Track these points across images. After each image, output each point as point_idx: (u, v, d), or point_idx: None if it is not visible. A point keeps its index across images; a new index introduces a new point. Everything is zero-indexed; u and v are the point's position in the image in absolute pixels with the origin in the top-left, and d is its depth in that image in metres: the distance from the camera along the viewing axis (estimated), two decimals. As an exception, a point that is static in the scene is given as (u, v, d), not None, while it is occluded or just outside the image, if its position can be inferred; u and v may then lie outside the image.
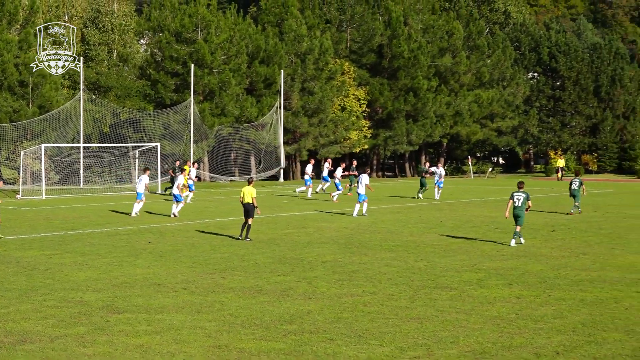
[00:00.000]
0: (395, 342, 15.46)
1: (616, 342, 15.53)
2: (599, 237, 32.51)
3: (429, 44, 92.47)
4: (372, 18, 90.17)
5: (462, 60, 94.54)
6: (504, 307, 18.63)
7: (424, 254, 27.39)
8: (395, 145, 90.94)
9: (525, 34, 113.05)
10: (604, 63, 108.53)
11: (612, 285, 21.64)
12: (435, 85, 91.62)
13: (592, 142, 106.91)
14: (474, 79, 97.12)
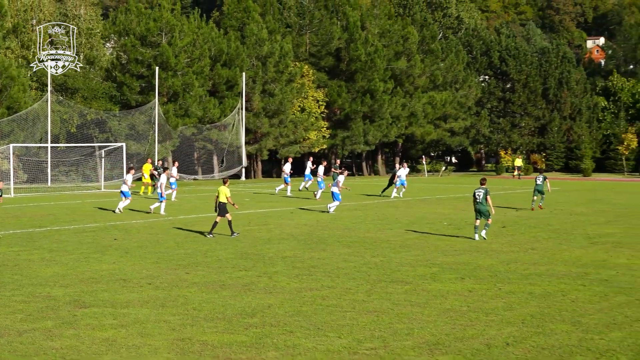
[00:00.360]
0: (352, 334, 15.47)
1: (563, 333, 15.63)
2: (547, 233, 32.72)
3: (385, 47, 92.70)
4: (330, 23, 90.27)
5: (417, 64, 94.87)
6: (456, 300, 18.69)
7: (380, 250, 27.43)
8: (353, 145, 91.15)
9: (477, 39, 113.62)
10: (551, 66, 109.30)
11: (559, 278, 21.77)
12: (391, 88, 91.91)
13: (540, 142, 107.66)
14: (428, 81, 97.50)
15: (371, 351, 14.27)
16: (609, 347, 14.58)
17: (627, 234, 32.51)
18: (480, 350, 14.32)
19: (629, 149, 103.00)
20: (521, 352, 14.21)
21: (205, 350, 14.30)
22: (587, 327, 16.06)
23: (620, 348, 14.51)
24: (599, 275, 22.36)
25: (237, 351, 14.27)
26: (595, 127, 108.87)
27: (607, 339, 15.12)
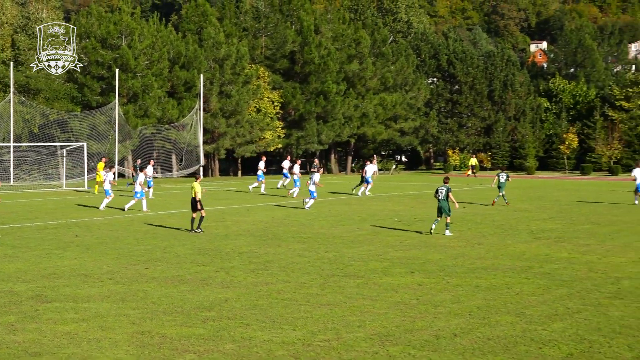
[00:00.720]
0: (306, 326, 15.47)
1: (508, 324, 15.74)
2: (492, 229, 32.93)
3: (338, 51, 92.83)
4: (285, 27, 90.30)
5: (369, 66, 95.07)
6: (406, 294, 18.76)
7: (334, 245, 27.46)
8: (307, 144, 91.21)
9: (425, 43, 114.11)
10: (497, 69, 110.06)
11: (504, 272, 21.93)
12: (344, 89, 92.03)
13: (486, 142, 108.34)
14: (379, 83, 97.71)
15: (325, 343, 14.28)
16: (551, 337, 14.70)
17: (568, 229, 32.82)
18: (429, 341, 14.38)
19: (570, 148, 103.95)
20: (468, 343, 14.29)
21: (164, 343, 14.24)
22: (531, 319, 16.18)
23: (562, 338, 14.63)
24: (542, 268, 22.54)
25: (195, 343, 14.22)
26: (538, 128, 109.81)
27: (550, 330, 15.24)
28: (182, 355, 13.49)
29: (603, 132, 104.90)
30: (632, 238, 29.81)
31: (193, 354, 13.62)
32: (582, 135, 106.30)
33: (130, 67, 73.64)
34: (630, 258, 24.61)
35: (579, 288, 19.55)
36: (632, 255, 25.15)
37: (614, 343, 14.32)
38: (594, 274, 21.61)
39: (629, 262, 23.77)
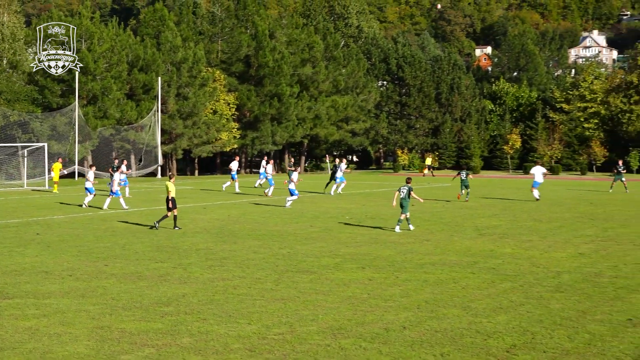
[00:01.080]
0: (261, 320, 15.44)
1: (454, 317, 15.81)
2: (440, 226, 33.08)
3: (292, 55, 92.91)
4: (240, 31, 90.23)
5: (321, 70, 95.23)
6: (357, 288, 18.78)
7: (288, 242, 27.44)
8: (262, 144, 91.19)
9: (375, 47, 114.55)
10: (444, 73, 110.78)
11: (451, 267, 22.04)
12: (297, 92, 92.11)
13: (434, 142, 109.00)
14: (332, 86, 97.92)
15: (279, 336, 14.26)
16: (496, 329, 14.80)
17: (512, 226, 33.07)
18: (379, 334, 14.41)
19: (513, 148, 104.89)
20: (417, 335, 14.34)
21: (124, 338, 14.14)
22: (476, 312, 16.28)
23: (506, 330, 14.74)
24: (487, 263, 22.69)
25: (154, 338, 14.14)
26: (483, 129, 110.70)
27: (494, 322, 15.34)
28: (141, 349, 13.40)
29: (544, 133, 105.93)
30: (571, 234, 30.12)
31: (151, 347, 13.53)
32: (524, 136, 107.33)
33: (90, 70, 73.08)
34: (570, 253, 24.86)
35: (522, 282, 19.70)
36: (572, 251, 25.41)
37: (555, 334, 14.45)
38: (536, 269, 21.79)
39: (569, 257, 24.01)
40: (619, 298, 17.73)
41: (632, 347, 13.58)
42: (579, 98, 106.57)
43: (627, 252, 25.23)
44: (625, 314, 16.08)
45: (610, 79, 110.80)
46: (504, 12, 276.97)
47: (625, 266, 22.27)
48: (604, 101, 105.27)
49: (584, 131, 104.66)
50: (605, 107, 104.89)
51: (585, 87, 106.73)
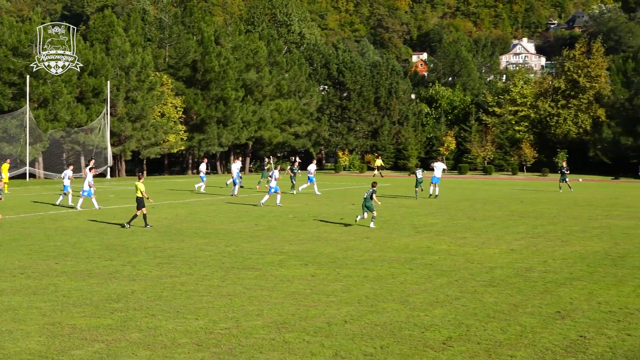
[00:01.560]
0: (208, 316, 15.37)
1: (393, 310, 15.87)
2: (379, 224, 33.17)
3: (237, 60, 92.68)
4: (187, 37, 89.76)
5: (265, 75, 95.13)
6: (301, 284, 18.78)
7: (233, 240, 27.34)
8: (208, 146, 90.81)
9: (317, 53, 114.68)
10: (382, 78, 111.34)
11: (390, 263, 22.12)
12: (242, 96, 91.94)
13: (373, 144, 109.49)
14: (275, 90, 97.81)
15: (225, 331, 14.21)
16: (432, 322, 14.89)
17: (447, 224, 33.31)
18: (321, 328, 14.42)
19: (448, 149, 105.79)
20: (357, 329, 14.37)
21: (74, 333, 13.97)
22: (414, 306, 16.36)
23: (442, 323, 14.83)
24: (424, 260, 22.82)
25: (104, 333, 13.99)
26: (420, 131, 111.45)
27: (431, 316, 15.43)
28: (91, 345, 13.25)
29: (478, 135, 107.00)
30: (503, 231, 30.43)
31: (101, 343, 13.39)
32: (459, 138, 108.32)
33: (41, 74, 72.14)
34: (502, 249, 25.12)
35: (457, 277, 19.85)
36: (504, 247, 25.67)
37: (489, 327, 14.58)
38: (471, 264, 21.98)
39: (501, 253, 24.25)
40: (549, 292, 17.95)
41: (560, 338, 13.75)
42: (510, 102, 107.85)
43: (556, 248, 25.56)
44: (554, 307, 16.29)
45: (538, 84, 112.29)
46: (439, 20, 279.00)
47: (554, 261, 22.56)
48: (533, 105, 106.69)
49: (514, 133, 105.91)
50: (535, 110, 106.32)
51: (516, 92, 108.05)
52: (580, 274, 20.42)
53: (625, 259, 22.98)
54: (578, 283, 19.03)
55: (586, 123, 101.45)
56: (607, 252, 24.44)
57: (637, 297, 17.27)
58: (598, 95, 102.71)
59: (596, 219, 35.80)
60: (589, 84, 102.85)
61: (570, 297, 17.35)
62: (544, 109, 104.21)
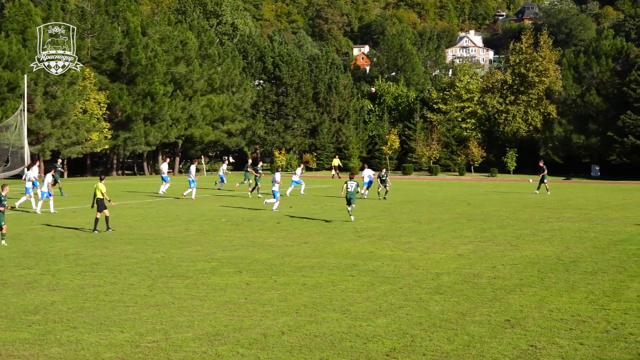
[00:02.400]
0: (135, 328, 15.25)
1: (334, 320, 15.91)
2: (318, 227, 33.26)
3: (165, 52, 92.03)
4: (111, 27, 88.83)
5: (196, 68, 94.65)
6: (234, 293, 18.73)
7: (162, 246, 27.18)
8: (134, 145, 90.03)
9: (251, 45, 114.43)
10: (321, 72, 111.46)
11: (330, 270, 22.17)
12: (171, 91, 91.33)
13: (312, 143, 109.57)
14: (206, 85, 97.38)
15: (153, 344, 14.11)
16: (375, 332, 14.95)
17: (391, 228, 33.49)
18: (257, 340, 14.39)
19: (392, 149, 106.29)
20: (295, 340, 14.37)
21: (-12, 349, 13.75)
22: (356, 315, 16.41)
23: (386, 333, 14.90)
24: (366, 266, 22.91)
25: (20, 348, 13.79)
26: (361, 129, 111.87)
27: (374, 325, 15.50)
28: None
29: (423, 134, 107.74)
30: (450, 235, 30.68)
31: (18, 358, 13.20)
32: (403, 137, 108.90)
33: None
34: (449, 254, 25.32)
35: (402, 284, 19.97)
36: (451, 252, 25.88)
37: (435, 336, 14.68)
38: (415, 271, 22.12)
39: (448, 258, 24.45)
40: (497, 299, 18.13)
41: (510, 348, 13.90)
42: (456, 98, 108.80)
43: (505, 252, 25.85)
44: (504, 315, 16.46)
45: (485, 78, 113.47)
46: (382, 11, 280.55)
47: (503, 267, 22.81)
48: (481, 101, 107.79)
49: (461, 131, 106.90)
50: (482, 107, 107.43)
51: (462, 87, 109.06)
52: (530, 280, 20.68)
53: (577, 264, 23.33)
54: (528, 289, 19.26)
55: (536, 120, 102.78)
56: (559, 257, 24.78)
57: (589, 304, 17.54)
58: (548, 90, 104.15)
59: (547, 222, 36.30)
60: (537, 78, 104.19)
61: (520, 304, 17.55)
62: (492, 105, 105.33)
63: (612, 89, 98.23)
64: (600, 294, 18.73)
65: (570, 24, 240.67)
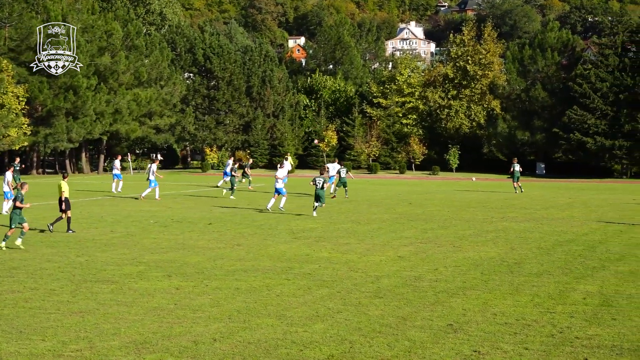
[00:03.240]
0: (57, 336, 15.11)
1: (269, 326, 15.92)
2: (252, 229, 33.24)
3: (89, 43, 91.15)
4: (30, 17, 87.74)
5: (121, 60, 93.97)
6: (163, 298, 18.65)
7: (85, 249, 26.94)
8: (56, 142, 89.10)
9: (181, 36, 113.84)
10: (255, 65, 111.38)
11: (264, 273, 22.17)
12: (95, 84, 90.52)
13: (245, 139, 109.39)
14: (133, 78, 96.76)
15: (77, 353, 13.99)
16: (312, 338, 14.99)
17: (328, 229, 33.57)
18: (187, 347, 14.35)
19: (329, 145, 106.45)
20: (228, 348, 14.36)
21: None
22: (292, 320, 16.44)
23: (323, 339, 14.94)
24: (302, 269, 22.95)
25: None
26: (297, 125, 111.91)
27: (311, 331, 15.53)
28: None
29: (362, 130, 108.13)
30: (390, 236, 30.85)
31: None
32: (341, 133, 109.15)
33: None
34: (389, 256, 25.47)
35: (340, 288, 20.03)
36: (391, 254, 26.03)
37: (374, 342, 14.76)
38: (354, 274, 22.21)
39: (388, 261, 24.59)
40: (440, 302, 18.29)
41: (453, 354, 14.03)
42: (396, 92, 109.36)
43: (447, 254, 26.07)
44: (446, 319, 16.61)
45: (427, 72, 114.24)
46: (319, 1, 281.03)
47: (446, 269, 23.01)
48: (422, 96, 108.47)
49: (402, 128, 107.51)
50: (424, 102, 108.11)
51: (402, 81, 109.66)
52: (473, 282, 20.89)
53: (521, 266, 23.62)
54: (471, 292, 19.45)
55: (480, 116, 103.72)
56: (503, 258, 25.07)
57: (534, 307, 17.77)
58: (492, 85, 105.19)
59: (491, 222, 36.69)
60: (481, 72, 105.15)
61: (463, 308, 17.72)
62: (434, 100, 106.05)
63: (557, 83, 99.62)
64: (545, 296, 18.99)
65: (515, 16, 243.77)
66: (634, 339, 15.09)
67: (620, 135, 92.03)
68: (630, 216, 39.94)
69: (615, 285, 20.49)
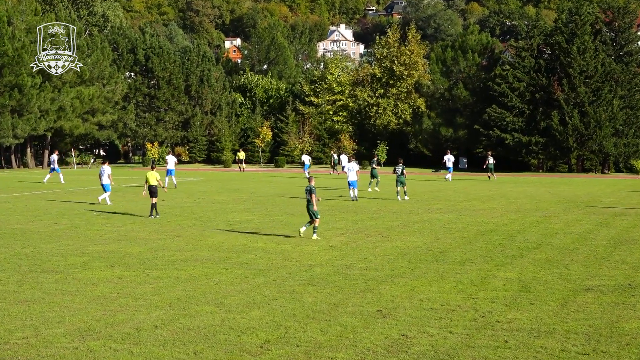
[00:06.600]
0: (3, 324, 14.89)
1: (207, 313, 15.86)
2: (191, 221, 33.09)
3: (33, 43, 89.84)
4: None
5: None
6: (106, 287, 18.49)
7: (31, 241, 26.60)
8: (1, 138, 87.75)
9: (122, 37, 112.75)
10: (193, 65, 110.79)
11: (203, 263, 22.09)
12: (39, 82, 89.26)
13: (184, 136, 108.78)
14: (76, 76, 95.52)
15: (23, 340, 13.81)
16: (249, 325, 14.96)
17: (264, 220, 33.56)
18: (130, 334, 14.24)
19: (264, 141, 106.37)
20: (169, 334, 14.28)
21: None
22: (230, 308, 16.40)
23: (260, 325, 14.93)
24: (240, 259, 22.91)
25: None
26: (234, 122, 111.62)
27: (248, 318, 15.51)
28: None
29: (295, 126, 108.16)
30: (322, 227, 30.87)
31: None
32: (275, 129, 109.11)
33: None
34: (322, 246, 25.52)
35: (275, 276, 20.03)
36: (323, 244, 26.09)
37: (308, 328, 14.78)
38: (289, 263, 22.22)
39: (321, 250, 24.64)
40: (369, 289, 18.37)
41: (382, 338, 14.11)
42: (327, 91, 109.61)
43: (376, 244, 26.20)
44: (375, 305, 16.69)
45: (355, 72, 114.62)
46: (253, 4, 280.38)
47: (375, 258, 23.12)
48: (352, 94, 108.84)
49: (333, 124, 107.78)
50: (353, 100, 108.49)
51: (333, 80, 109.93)
52: (401, 270, 21.02)
53: (446, 254, 23.82)
54: (399, 280, 19.57)
55: (406, 113, 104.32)
56: (428, 248, 25.26)
57: (458, 293, 17.93)
58: (417, 84, 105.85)
59: (417, 213, 36.94)
60: (406, 72, 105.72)
61: (391, 294, 17.82)
62: (363, 98, 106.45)
63: (478, 83, 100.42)
64: (468, 283, 19.17)
65: (439, 19, 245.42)
66: (550, 322, 15.30)
67: (536, 132, 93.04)
68: (546, 207, 40.47)
69: (533, 272, 20.75)
